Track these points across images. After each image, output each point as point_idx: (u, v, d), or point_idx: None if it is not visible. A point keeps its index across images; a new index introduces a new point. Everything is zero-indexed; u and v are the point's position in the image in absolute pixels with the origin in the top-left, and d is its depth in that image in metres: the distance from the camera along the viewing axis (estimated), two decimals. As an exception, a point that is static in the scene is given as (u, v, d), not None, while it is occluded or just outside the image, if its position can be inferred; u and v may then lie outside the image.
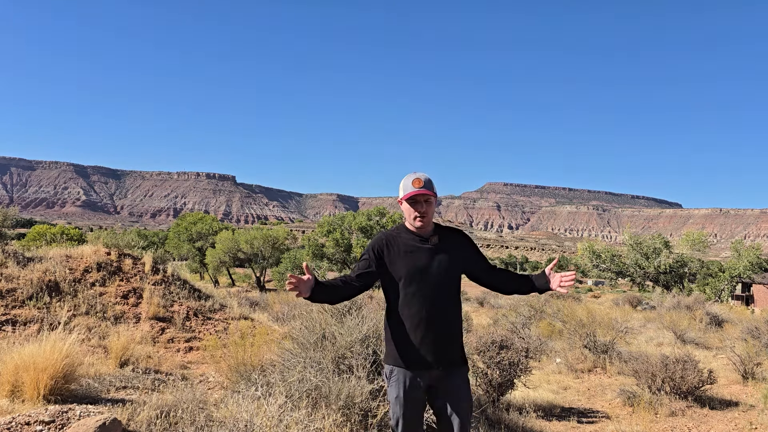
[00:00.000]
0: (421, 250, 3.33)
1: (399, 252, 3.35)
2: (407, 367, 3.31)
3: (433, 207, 3.35)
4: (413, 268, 3.30)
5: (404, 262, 3.32)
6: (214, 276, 51.59)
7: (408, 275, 3.30)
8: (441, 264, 3.32)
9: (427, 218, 3.34)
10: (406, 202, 3.32)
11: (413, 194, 3.28)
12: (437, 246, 3.36)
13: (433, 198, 3.33)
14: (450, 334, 3.34)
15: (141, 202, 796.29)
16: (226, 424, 4.27)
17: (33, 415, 4.69)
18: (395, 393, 3.33)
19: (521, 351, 7.41)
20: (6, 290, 9.73)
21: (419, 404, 3.36)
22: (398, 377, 3.32)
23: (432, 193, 3.31)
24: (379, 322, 5.53)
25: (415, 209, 3.30)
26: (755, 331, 13.16)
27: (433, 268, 3.31)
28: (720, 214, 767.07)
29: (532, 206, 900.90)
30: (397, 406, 3.32)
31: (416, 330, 3.29)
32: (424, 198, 3.30)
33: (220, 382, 7.36)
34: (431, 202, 3.34)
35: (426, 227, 3.37)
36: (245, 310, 12.55)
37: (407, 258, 3.32)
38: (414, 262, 3.31)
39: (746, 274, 38.86)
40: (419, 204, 3.30)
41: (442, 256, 3.34)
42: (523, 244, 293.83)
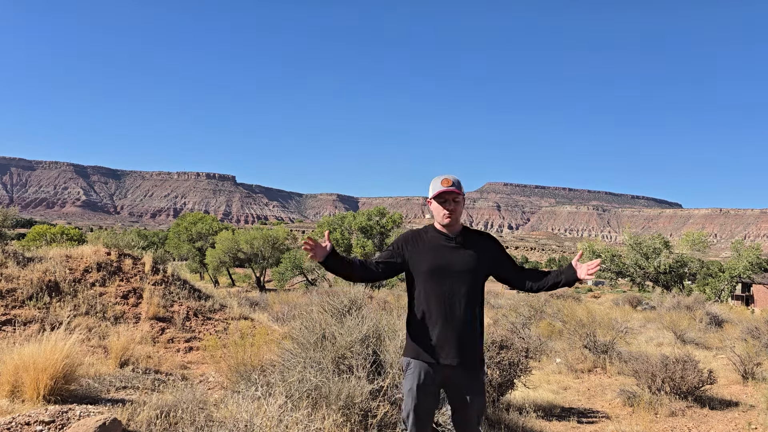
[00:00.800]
0: (446, 248, 3.44)
1: (424, 248, 3.47)
2: (423, 360, 3.39)
3: (460, 207, 3.47)
4: (436, 265, 3.40)
5: (428, 258, 3.43)
6: (214, 276, 51.59)
7: (430, 271, 3.41)
8: (464, 262, 3.41)
9: (455, 216, 3.45)
10: (435, 201, 3.45)
11: (441, 192, 3.41)
12: (462, 245, 3.46)
13: (461, 198, 3.46)
14: (468, 333, 3.40)
15: (141, 202, 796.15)
16: (226, 424, 4.27)
17: (33, 415, 4.69)
18: (409, 385, 3.41)
19: (521, 351, 7.41)
20: (6, 290, 9.72)
21: (432, 399, 3.43)
22: (414, 370, 3.41)
23: (460, 192, 3.44)
24: (379, 323, 5.54)
25: (444, 207, 3.43)
26: (755, 331, 13.16)
27: (455, 265, 3.41)
28: (720, 214, 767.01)
29: (532, 206, 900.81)
30: (410, 398, 3.40)
31: (435, 325, 3.38)
32: (452, 197, 3.43)
33: (220, 382, 7.36)
34: (459, 202, 3.45)
35: (454, 226, 3.49)
36: (245, 310, 12.56)
37: (431, 254, 3.44)
38: (437, 259, 3.42)
39: (746, 274, 38.87)
40: (447, 202, 3.43)
41: (466, 255, 3.43)
42: (523, 245, 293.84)
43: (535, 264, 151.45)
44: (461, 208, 3.48)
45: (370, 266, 3.48)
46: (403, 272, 3.55)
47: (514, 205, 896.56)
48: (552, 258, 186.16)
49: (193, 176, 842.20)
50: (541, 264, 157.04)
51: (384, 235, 41.21)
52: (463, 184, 3.53)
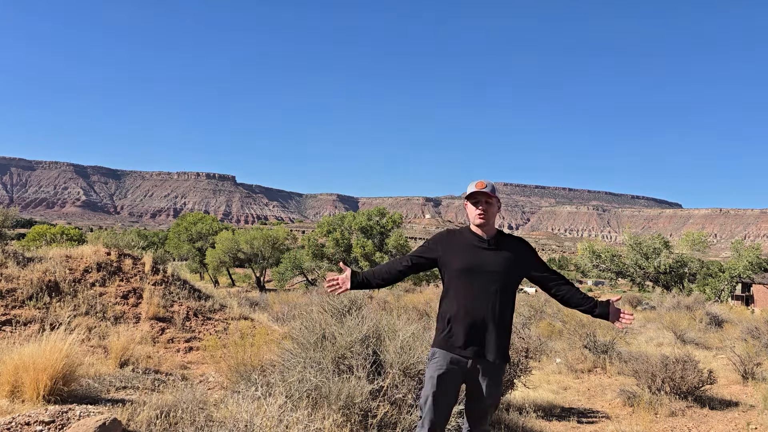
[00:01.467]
0: (479, 249, 3.58)
1: (458, 246, 3.62)
2: (449, 351, 3.51)
3: (493, 209, 3.63)
4: (468, 263, 3.55)
5: (461, 257, 3.58)
6: (214, 276, 51.59)
7: (463, 268, 3.55)
8: (496, 263, 3.54)
9: (487, 217, 3.59)
10: (468, 201, 3.64)
11: (473, 193, 3.58)
12: (497, 248, 3.59)
13: (494, 200, 3.62)
14: (493, 330, 3.50)
15: (141, 202, 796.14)
16: (226, 425, 4.27)
17: (33, 415, 4.69)
18: (430, 373, 3.53)
19: (521, 351, 7.41)
20: (6, 290, 9.72)
21: (451, 389, 3.53)
22: (438, 359, 3.53)
23: (492, 195, 3.60)
24: (379, 323, 5.54)
25: (477, 207, 3.59)
26: (755, 331, 13.16)
27: (487, 265, 3.54)
28: (720, 214, 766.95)
29: (532, 206, 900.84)
30: (429, 385, 3.52)
31: (463, 321, 3.50)
32: (485, 198, 3.59)
33: (220, 382, 7.36)
34: (492, 204, 3.61)
35: (487, 227, 3.62)
36: (245, 311, 12.55)
37: (465, 253, 3.58)
38: (470, 258, 3.56)
39: (746, 274, 38.85)
40: (480, 203, 3.59)
41: (500, 258, 3.56)
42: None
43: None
44: (494, 211, 3.62)
45: (396, 266, 3.71)
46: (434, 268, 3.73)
47: (514, 205, 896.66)
48: (552, 258, 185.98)
49: (193, 176, 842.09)
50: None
51: (384, 235, 41.21)
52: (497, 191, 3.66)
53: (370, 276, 3.70)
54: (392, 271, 3.71)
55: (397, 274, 3.71)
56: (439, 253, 3.64)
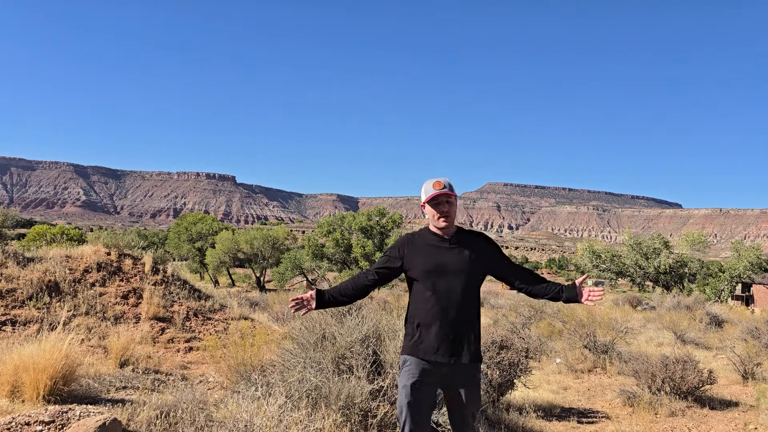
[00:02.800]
0: (441, 249, 3.50)
1: (420, 250, 3.54)
2: (419, 357, 3.43)
3: (454, 208, 3.55)
4: (431, 265, 3.47)
5: (423, 259, 3.50)
6: (214, 276, 51.58)
7: (426, 271, 3.47)
8: (458, 262, 3.47)
9: (450, 218, 3.52)
10: (429, 204, 3.53)
11: (435, 195, 3.48)
12: (457, 245, 3.51)
13: (454, 199, 3.54)
14: (463, 331, 3.44)
15: (141, 202, 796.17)
16: (226, 425, 4.27)
17: (33, 415, 4.69)
18: (404, 382, 3.44)
19: (521, 351, 7.41)
20: (6, 290, 9.72)
21: (427, 396, 3.44)
22: (409, 367, 3.45)
23: (453, 194, 3.52)
24: (379, 323, 5.54)
25: (438, 210, 3.49)
26: (755, 332, 13.15)
27: (450, 265, 3.46)
28: (720, 214, 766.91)
29: (532, 206, 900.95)
30: (403, 394, 3.43)
31: (431, 324, 3.43)
32: (446, 198, 3.50)
33: (220, 382, 7.36)
34: (452, 203, 3.53)
35: (449, 228, 3.54)
36: (245, 311, 12.56)
37: (427, 255, 3.50)
38: (432, 259, 3.48)
39: (746, 274, 38.84)
40: (441, 204, 3.50)
41: (461, 255, 3.49)
42: (523, 245, 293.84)
43: (535, 264, 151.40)
44: (455, 210, 3.55)
45: (362, 281, 3.60)
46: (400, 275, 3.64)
47: (514, 205, 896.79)
48: (552, 258, 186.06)
49: (193, 176, 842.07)
50: (541, 264, 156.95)
51: (384, 235, 41.20)
52: (455, 186, 3.60)
53: (336, 294, 3.58)
54: (358, 286, 3.59)
55: (363, 289, 3.60)
56: (402, 260, 3.55)
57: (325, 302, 3.56)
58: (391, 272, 3.61)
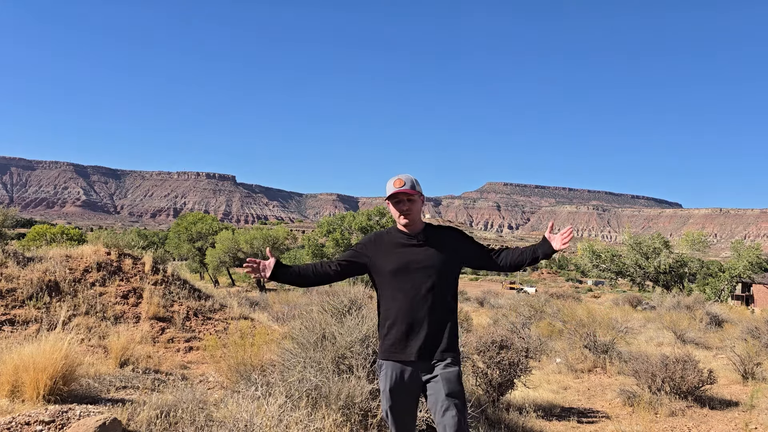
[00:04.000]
0: (408, 247, 3.43)
1: (386, 248, 3.46)
2: (395, 360, 3.36)
3: (417, 205, 3.46)
4: (398, 264, 3.39)
5: (390, 258, 3.42)
6: (214, 276, 51.58)
7: (393, 270, 3.40)
8: (427, 259, 3.39)
9: (412, 216, 3.43)
10: (390, 202, 3.46)
11: (394, 193, 3.41)
12: (425, 242, 3.44)
13: (416, 196, 3.44)
14: (435, 330, 3.34)
15: (141, 202, 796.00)
16: (226, 424, 4.27)
17: (33, 415, 4.69)
18: (383, 386, 3.39)
19: (521, 351, 7.40)
20: (6, 290, 9.72)
21: (408, 398, 3.37)
22: (386, 371, 3.38)
23: (413, 191, 3.41)
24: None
25: (398, 208, 3.43)
26: (755, 331, 13.15)
27: (418, 263, 3.38)
28: (720, 214, 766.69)
29: (532, 206, 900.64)
30: (384, 399, 3.39)
31: (401, 324, 3.35)
32: (406, 197, 3.41)
33: (220, 382, 7.36)
34: (414, 200, 3.44)
35: (413, 225, 3.45)
36: (245, 310, 12.55)
37: (394, 254, 3.43)
38: (400, 258, 3.40)
39: (746, 274, 38.83)
40: (402, 203, 3.42)
41: (429, 252, 3.41)
42: (523, 245, 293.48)
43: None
44: (418, 207, 3.47)
45: (324, 269, 3.50)
46: (365, 274, 3.56)
47: (514, 205, 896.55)
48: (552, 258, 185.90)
49: (193, 176, 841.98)
50: (540, 264, 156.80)
51: (384, 235, 41.18)
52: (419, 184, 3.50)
53: (295, 272, 3.47)
54: (318, 273, 3.49)
55: (324, 276, 3.50)
56: (368, 258, 3.47)
57: (280, 275, 3.43)
58: (355, 267, 3.51)
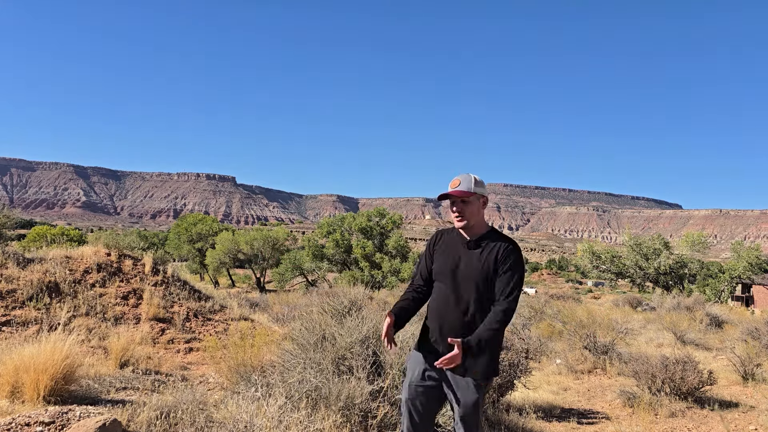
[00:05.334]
0: (458, 249, 3.45)
1: (441, 248, 3.53)
2: (422, 353, 3.47)
3: (470, 207, 3.42)
4: (444, 265, 3.45)
5: (441, 258, 3.49)
6: (214, 277, 51.58)
7: (439, 270, 3.46)
8: (470, 266, 3.37)
9: (464, 218, 3.42)
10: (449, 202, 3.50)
11: (445, 195, 3.45)
12: (475, 249, 3.41)
13: (470, 197, 3.40)
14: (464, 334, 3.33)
15: (141, 203, 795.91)
16: (225, 425, 4.27)
17: (33, 416, 4.69)
18: (405, 378, 3.53)
19: (521, 352, 7.40)
20: (6, 291, 9.72)
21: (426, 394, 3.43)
22: (412, 363, 3.52)
23: (468, 192, 3.39)
24: (379, 323, 5.54)
25: (451, 209, 3.47)
26: (755, 332, 13.14)
27: (462, 268, 3.39)
28: (720, 215, 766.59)
29: (532, 207, 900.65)
30: (404, 390, 3.51)
31: (434, 323, 3.43)
32: (460, 198, 3.41)
33: (220, 383, 7.36)
34: (469, 202, 3.41)
35: (469, 227, 3.45)
36: (245, 311, 12.55)
37: (444, 254, 3.48)
38: (446, 259, 3.45)
39: (746, 275, 38.82)
40: (455, 203, 3.44)
41: (474, 259, 3.38)
42: (523, 245, 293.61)
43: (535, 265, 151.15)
44: (473, 209, 3.41)
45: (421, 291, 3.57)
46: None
47: (514, 206, 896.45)
48: (552, 259, 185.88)
49: (193, 177, 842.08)
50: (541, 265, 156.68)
51: (384, 236, 41.18)
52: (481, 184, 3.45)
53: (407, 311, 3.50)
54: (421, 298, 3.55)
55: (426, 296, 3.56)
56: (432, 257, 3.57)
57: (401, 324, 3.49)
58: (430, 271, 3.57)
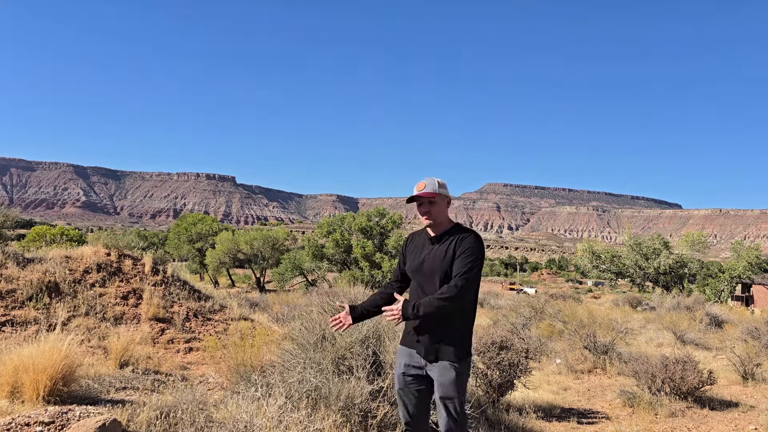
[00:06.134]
0: (425, 247, 3.62)
1: (411, 248, 3.72)
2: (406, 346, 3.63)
3: (438, 207, 3.57)
4: (414, 264, 3.62)
5: (411, 258, 3.67)
6: (213, 277, 51.58)
7: (410, 269, 3.65)
8: (434, 261, 3.53)
9: (432, 217, 3.56)
10: (416, 204, 3.62)
11: (414, 197, 3.60)
12: (437, 244, 3.58)
13: (436, 197, 3.55)
14: (436, 331, 3.48)
15: (141, 202, 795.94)
16: (225, 425, 4.27)
17: (32, 416, 4.68)
18: (395, 370, 3.73)
19: (521, 352, 7.40)
20: (6, 291, 9.72)
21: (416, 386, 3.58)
22: (399, 357, 3.68)
23: (433, 194, 3.54)
24: (379, 323, 5.54)
25: (418, 210, 3.60)
26: (755, 332, 13.14)
27: (426, 263, 3.55)
28: (720, 215, 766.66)
29: (532, 207, 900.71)
30: (396, 382, 3.66)
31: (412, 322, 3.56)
32: (427, 199, 3.55)
33: (219, 382, 7.36)
34: (435, 202, 3.56)
35: (436, 226, 3.61)
36: (245, 311, 12.54)
37: (413, 254, 3.67)
38: (416, 258, 3.63)
39: (746, 274, 38.84)
40: (422, 205, 3.57)
41: (438, 253, 3.54)
42: (523, 245, 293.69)
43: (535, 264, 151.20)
44: (439, 208, 3.56)
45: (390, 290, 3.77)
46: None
47: (514, 205, 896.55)
48: (552, 258, 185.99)
49: (192, 177, 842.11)
50: (541, 264, 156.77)
51: (384, 235, 41.17)
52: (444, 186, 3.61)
53: (368, 305, 3.71)
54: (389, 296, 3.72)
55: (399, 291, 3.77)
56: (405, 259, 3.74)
57: (358, 315, 3.67)
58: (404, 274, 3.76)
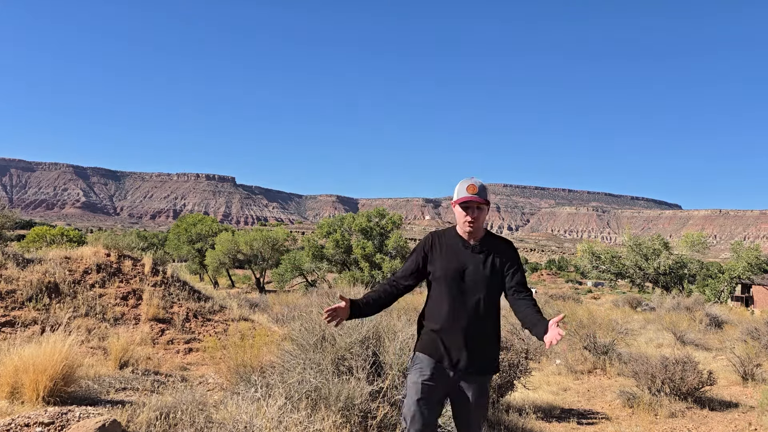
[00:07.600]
0: (462, 252, 3.42)
1: (441, 251, 3.45)
2: (431, 356, 3.37)
3: (484, 214, 3.43)
4: (449, 269, 3.38)
5: (443, 262, 3.41)
6: (213, 277, 51.56)
7: (443, 275, 3.39)
8: (480, 270, 3.37)
9: (477, 224, 3.41)
10: (459, 207, 3.41)
11: (466, 200, 3.37)
12: (482, 252, 3.40)
13: (485, 205, 3.42)
14: (478, 339, 3.34)
15: (141, 203, 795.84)
16: (225, 426, 4.27)
17: (32, 416, 4.68)
18: (414, 379, 3.39)
19: (521, 352, 7.41)
20: (5, 292, 9.72)
21: (435, 395, 3.38)
22: (420, 365, 3.39)
23: (484, 200, 3.40)
24: (379, 324, 5.54)
25: (467, 214, 3.39)
26: (755, 332, 13.14)
27: (471, 273, 3.37)
28: (719, 215, 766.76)
29: (532, 207, 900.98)
30: (413, 391, 3.37)
31: (443, 330, 3.36)
32: (476, 204, 3.38)
33: (219, 383, 7.35)
34: (483, 210, 3.42)
35: (475, 234, 3.45)
36: (245, 312, 12.54)
37: (446, 258, 3.42)
38: (451, 263, 3.39)
39: (746, 275, 38.82)
40: (471, 210, 3.39)
41: (484, 263, 3.38)
42: (523, 246, 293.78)
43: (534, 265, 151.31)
44: (484, 216, 3.44)
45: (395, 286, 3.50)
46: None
47: (514, 206, 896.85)
48: (552, 259, 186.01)
49: (192, 177, 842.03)
50: (541, 265, 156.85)
51: (384, 236, 41.17)
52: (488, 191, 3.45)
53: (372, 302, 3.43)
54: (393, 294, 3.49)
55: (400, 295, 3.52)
56: (426, 260, 3.47)
57: (359, 312, 3.40)
58: (420, 274, 3.49)
